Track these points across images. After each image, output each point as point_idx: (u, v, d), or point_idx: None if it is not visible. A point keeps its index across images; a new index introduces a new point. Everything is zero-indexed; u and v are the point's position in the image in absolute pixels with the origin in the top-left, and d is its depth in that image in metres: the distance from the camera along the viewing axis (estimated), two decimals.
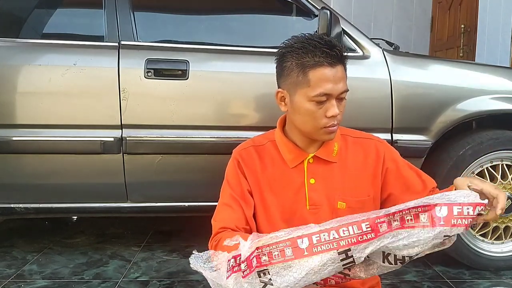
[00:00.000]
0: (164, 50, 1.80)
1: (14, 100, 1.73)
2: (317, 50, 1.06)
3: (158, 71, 1.74)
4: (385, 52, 1.85)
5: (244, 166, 1.18)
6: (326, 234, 0.91)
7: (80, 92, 1.74)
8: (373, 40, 1.91)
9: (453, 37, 4.14)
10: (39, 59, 1.74)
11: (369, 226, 0.91)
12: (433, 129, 1.81)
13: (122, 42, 1.79)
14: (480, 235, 1.90)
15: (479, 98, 1.84)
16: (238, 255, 0.88)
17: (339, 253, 0.90)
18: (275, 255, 0.90)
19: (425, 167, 1.83)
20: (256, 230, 1.16)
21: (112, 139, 1.74)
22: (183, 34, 2.00)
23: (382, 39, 2.37)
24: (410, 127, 1.81)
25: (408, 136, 1.81)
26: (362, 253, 0.91)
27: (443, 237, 0.91)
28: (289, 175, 1.17)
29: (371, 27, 4.45)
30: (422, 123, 1.81)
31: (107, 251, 2.13)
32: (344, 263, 0.91)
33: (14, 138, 1.73)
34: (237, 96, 1.80)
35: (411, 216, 0.92)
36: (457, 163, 1.81)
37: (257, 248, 0.90)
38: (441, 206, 0.91)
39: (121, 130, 1.74)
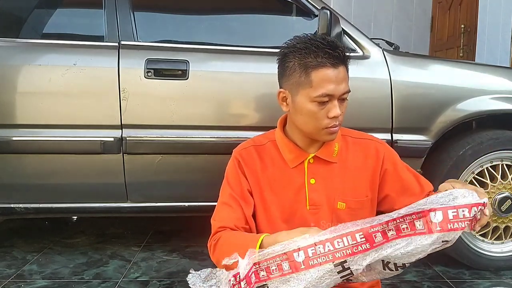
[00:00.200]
0: (164, 50, 1.80)
1: (14, 100, 1.73)
2: (320, 51, 1.06)
3: (158, 71, 1.74)
4: (385, 52, 1.85)
5: (244, 166, 1.18)
6: (321, 246, 0.91)
7: (80, 92, 1.74)
8: (373, 40, 1.91)
9: (453, 37, 4.14)
10: (39, 59, 1.74)
11: (363, 236, 0.90)
12: (433, 129, 1.81)
13: (122, 42, 1.79)
14: (480, 235, 1.90)
15: (479, 98, 1.84)
16: (237, 273, 0.88)
17: (335, 265, 0.90)
18: (272, 269, 0.91)
19: (425, 167, 1.84)
20: (256, 230, 1.16)
21: (112, 139, 1.74)
22: (183, 34, 2.00)
23: (382, 39, 2.37)
24: (410, 127, 1.81)
25: (408, 136, 1.81)
26: (359, 265, 0.91)
27: (441, 242, 0.91)
28: (290, 175, 1.17)
29: (371, 27, 4.45)
30: (422, 123, 1.81)
31: (107, 251, 2.13)
32: (342, 275, 0.91)
33: (14, 138, 1.73)
34: (237, 96, 1.80)
35: (407, 224, 0.91)
36: (457, 163, 1.81)
37: (254, 264, 0.91)
38: (435, 211, 0.90)
39: (121, 130, 1.74)
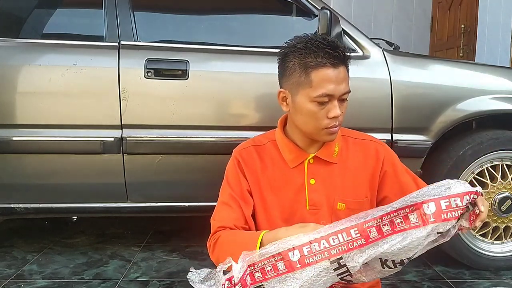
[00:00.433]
0: (164, 50, 1.80)
1: (14, 100, 1.73)
2: (320, 51, 1.06)
3: (158, 71, 1.74)
4: (385, 52, 1.85)
5: (244, 165, 1.18)
6: (317, 244, 0.90)
7: (80, 92, 1.74)
8: (373, 40, 1.90)
9: (453, 37, 4.14)
10: (39, 59, 1.74)
11: (358, 232, 0.90)
12: (433, 129, 1.81)
13: (122, 42, 1.79)
14: (480, 235, 1.90)
15: (479, 98, 1.84)
16: (232, 277, 0.88)
17: (331, 262, 0.90)
18: (268, 270, 0.91)
19: (425, 167, 1.84)
20: (256, 230, 1.16)
21: (112, 139, 1.74)
22: (183, 34, 2.00)
23: (382, 39, 2.37)
24: (410, 127, 1.81)
25: (408, 136, 1.81)
26: (355, 262, 0.90)
27: (436, 234, 0.90)
28: (289, 175, 1.17)
29: (371, 27, 4.45)
30: (422, 123, 1.81)
31: (107, 251, 2.13)
32: (339, 273, 0.91)
33: (14, 138, 1.73)
34: (237, 96, 1.80)
35: (401, 218, 0.91)
36: (457, 163, 1.81)
37: (249, 266, 0.90)
38: (428, 203, 0.90)
39: (121, 130, 1.74)
